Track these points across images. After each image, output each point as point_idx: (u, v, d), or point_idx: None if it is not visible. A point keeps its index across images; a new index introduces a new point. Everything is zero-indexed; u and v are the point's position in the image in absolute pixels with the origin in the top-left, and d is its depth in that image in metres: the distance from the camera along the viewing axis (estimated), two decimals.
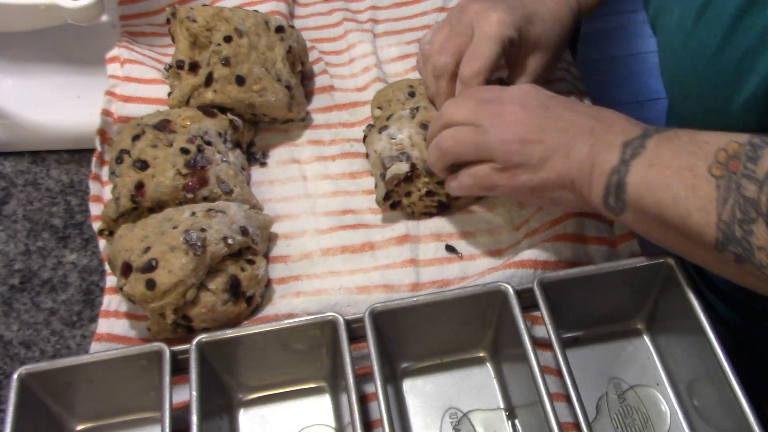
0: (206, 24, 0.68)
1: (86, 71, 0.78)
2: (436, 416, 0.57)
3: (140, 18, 0.81)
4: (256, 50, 0.69)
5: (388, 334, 0.56)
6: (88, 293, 0.65)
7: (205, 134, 0.65)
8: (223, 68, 0.67)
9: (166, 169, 0.61)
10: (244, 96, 0.68)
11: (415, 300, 0.55)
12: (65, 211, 0.71)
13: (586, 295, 0.58)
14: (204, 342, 0.53)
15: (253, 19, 0.70)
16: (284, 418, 0.57)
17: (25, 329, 0.63)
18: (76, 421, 0.56)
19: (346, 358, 0.52)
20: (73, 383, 0.54)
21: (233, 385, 0.57)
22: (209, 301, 0.57)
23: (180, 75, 0.70)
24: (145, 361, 0.53)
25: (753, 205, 0.43)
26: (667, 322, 0.58)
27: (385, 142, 0.65)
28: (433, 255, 0.64)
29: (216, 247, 0.57)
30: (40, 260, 0.67)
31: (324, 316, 0.54)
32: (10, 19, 0.69)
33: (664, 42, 0.57)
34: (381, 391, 0.50)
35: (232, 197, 0.63)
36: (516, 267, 0.60)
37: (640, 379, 0.58)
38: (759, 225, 0.43)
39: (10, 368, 0.61)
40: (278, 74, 0.70)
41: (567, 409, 0.53)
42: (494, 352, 0.59)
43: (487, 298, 0.56)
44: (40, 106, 0.75)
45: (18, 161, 0.75)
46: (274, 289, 0.62)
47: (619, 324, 0.61)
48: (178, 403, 0.54)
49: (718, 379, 0.51)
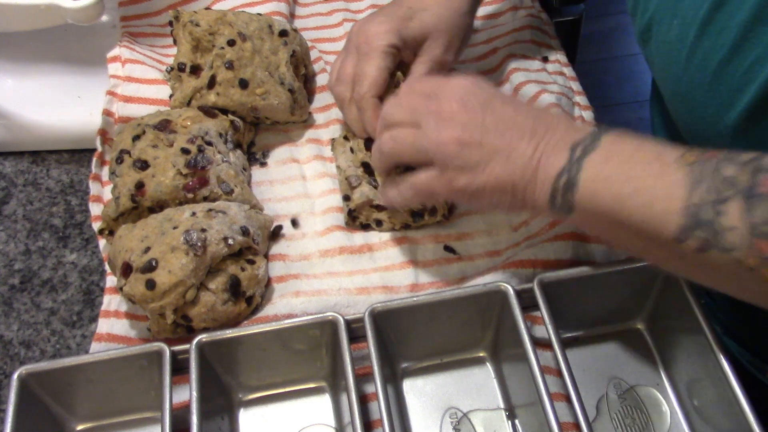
0: (209, 28, 0.69)
1: (86, 71, 0.78)
2: (436, 416, 0.57)
3: (141, 19, 0.81)
4: (259, 54, 0.69)
5: (388, 334, 0.56)
6: (88, 293, 0.65)
7: (206, 134, 0.65)
8: (227, 71, 0.67)
9: (167, 168, 0.61)
10: (247, 99, 0.68)
11: (415, 300, 0.55)
12: (65, 211, 0.71)
13: (586, 295, 0.58)
14: (204, 342, 0.53)
15: (257, 23, 0.70)
16: (284, 418, 0.57)
17: (25, 329, 0.63)
18: (76, 421, 0.56)
19: (346, 358, 0.52)
20: (73, 383, 0.54)
21: (233, 385, 0.57)
22: (209, 301, 0.57)
23: (181, 77, 0.70)
24: (145, 361, 0.53)
25: (730, 182, 0.42)
26: (667, 322, 0.58)
27: (347, 156, 0.65)
28: (432, 256, 0.64)
29: (216, 248, 0.57)
30: (40, 260, 0.67)
31: (324, 316, 0.54)
32: (10, 19, 0.69)
33: (663, 54, 0.57)
34: (381, 391, 0.50)
35: (233, 197, 0.63)
36: (516, 267, 0.60)
37: (640, 379, 0.58)
38: (733, 203, 0.42)
39: (10, 368, 0.61)
40: (281, 78, 0.70)
41: (567, 409, 0.53)
42: (494, 352, 0.59)
43: (487, 298, 0.56)
44: (40, 106, 0.75)
45: (18, 161, 0.75)
46: (273, 287, 0.62)
47: (619, 324, 0.61)
48: (178, 403, 0.54)
49: (718, 379, 0.51)
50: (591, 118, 0.75)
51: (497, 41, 0.81)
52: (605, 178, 0.47)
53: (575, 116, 0.74)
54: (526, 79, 0.75)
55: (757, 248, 0.41)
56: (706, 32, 0.50)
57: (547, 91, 0.73)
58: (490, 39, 0.82)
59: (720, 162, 0.43)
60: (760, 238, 0.41)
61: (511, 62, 0.78)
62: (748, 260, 0.42)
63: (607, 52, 2.11)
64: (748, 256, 0.42)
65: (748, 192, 0.42)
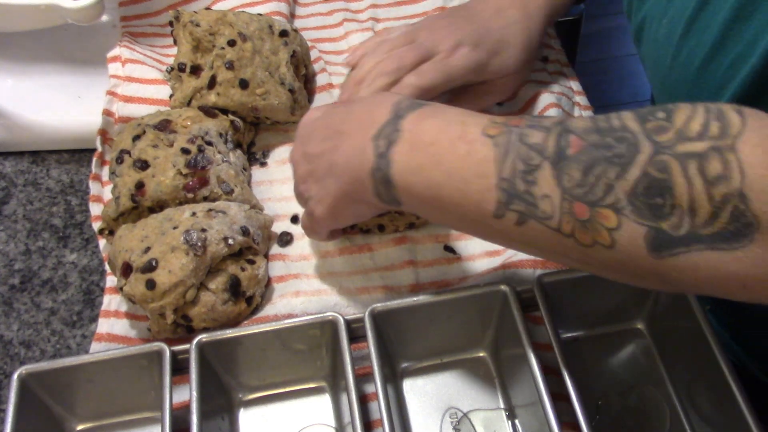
0: (209, 28, 0.69)
1: (86, 71, 0.78)
2: (436, 416, 0.57)
3: (141, 19, 0.81)
4: (260, 54, 0.69)
5: (388, 334, 0.56)
6: (88, 293, 0.65)
7: (206, 134, 0.65)
8: (227, 71, 0.67)
9: (167, 168, 0.61)
10: (247, 99, 0.68)
11: (415, 300, 0.55)
12: (65, 211, 0.71)
13: (586, 295, 0.58)
14: (204, 342, 0.53)
15: (257, 24, 0.70)
16: (284, 418, 0.57)
17: (25, 329, 0.63)
18: (76, 421, 0.56)
19: (346, 358, 0.52)
20: (73, 383, 0.54)
21: (233, 385, 0.57)
22: (209, 301, 0.57)
23: (181, 77, 0.70)
24: (145, 361, 0.53)
25: (537, 150, 0.41)
26: (667, 322, 0.58)
27: None
28: (432, 256, 0.64)
29: (216, 248, 0.57)
30: (40, 260, 0.67)
31: (324, 316, 0.54)
32: (10, 19, 0.69)
33: (652, 53, 0.57)
34: (381, 391, 0.50)
35: (233, 197, 0.63)
36: (516, 267, 0.60)
37: (640, 378, 0.58)
38: (543, 171, 0.41)
39: (10, 368, 0.61)
40: (282, 78, 0.70)
41: (567, 409, 0.53)
42: (494, 352, 0.59)
43: (487, 298, 0.56)
44: (40, 106, 0.75)
45: (18, 161, 0.75)
46: (273, 287, 0.62)
47: (619, 324, 0.61)
48: (178, 403, 0.54)
49: (717, 379, 0.51)
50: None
51: None
52: (416, 168, 0.46)
53: (575, 116, 0.74)
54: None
55: (572, 212, 0.40)
56: (691, 30, 0.51)
57: (547, 91, 0.73)
58: None
59: (524, 130, 0.43)
60: (573, 201, 0.40)
61: None
62: (565, 227, 0.41)
63: (607, 52, 2.11)
64: (565, 222, 0.41)
65: (557, 156, 0.41)
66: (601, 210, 0.39)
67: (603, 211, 0.39)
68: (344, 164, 0.50)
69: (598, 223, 0.39)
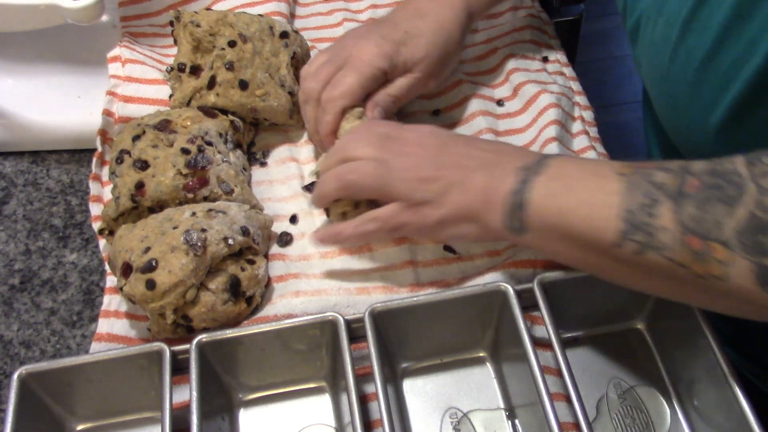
0: (210, 29, 0.69)
1: (86, 71, 0.78)
2: (436, 416, 0.57)
3: (141, 19, 0.81)
4: (260, 56, 0.69)
5: (388, 334, 0.56)
6: (88, 293, 0.65)
7: (206, 134, 0.65)
8: (227, 72, 0.67)
9: (167, 168, 0.61)
10: (246, 100, 0.68)
11: (415, 300, 0.55)
12: (65, 211, 0.71)
13: (586, 295, 0.58)
14: (204, 342, 0.53)
15: (258, 25, 0.70)
16: (284, 418, 0.57)
17: (25, 329, 0.63)
18: (76, 421, 0.56)
19: (346, 358, 0.52)
20: (73, 383, 0.54)
21: (233, 385, 0.57)
22: (209, 301, 0.57)
23: (181, 78, 0.70)
24: (145, 361, 0.53)
25: (661, 186, 0.45)
26: (667, 322, 0.58)
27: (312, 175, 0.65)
28: (431, 256, 0.64)
29: (216, 248, 0.57)
30: (40, 260, 0.67)
31: (324, 316, 0.54)
32: (10, 19, 0.69)
33: (649, 53, 0.57)
34: (381, 391, 0.50)
35: (233, 197, 0.63)
36: (516, 267, 0.60)
37: (640, 379, 0.58)
38: (664, 206, 0.44)
39: (10, 368, 0.61)
40: (282, 80, 0.70)
41: (567, 409, 0.53)
42: (494, 352, 0.59)
43: (487, 298, 0.56)
44: (40, 106, 0.76)
45: (18, 161, 0.75)
46: (273, 287, 0.62)
47: (619, 324, 0.61)
48: (178, 403, 0.54)
49: (717, 379, 0.51)
50: (591, 118, 0.75)
51: (497, 41, 0.81)
52: (551, 194, 0.50)
53: (575, 116, 0.74)
54: (526, 79, 0.75)
55: (687, 245, 0.43)
56: (689, 30, 0.51)
57: (547, 91, 0.73)
58: (490, 39, 0.82)
59: (652, 170, 0.46)
60: (689, 235, 0.43)
61: (510, 62, 0.78)
62: (681, 257, 0.44)
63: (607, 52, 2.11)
64: (680, 254, 0.44)
65: (677, 193, 0.44)
66: (713, 244, 0.43)
67: (714, 245, 0.42)
68: (482, 184, 0.54)
69: (711, 256, 0.43)
